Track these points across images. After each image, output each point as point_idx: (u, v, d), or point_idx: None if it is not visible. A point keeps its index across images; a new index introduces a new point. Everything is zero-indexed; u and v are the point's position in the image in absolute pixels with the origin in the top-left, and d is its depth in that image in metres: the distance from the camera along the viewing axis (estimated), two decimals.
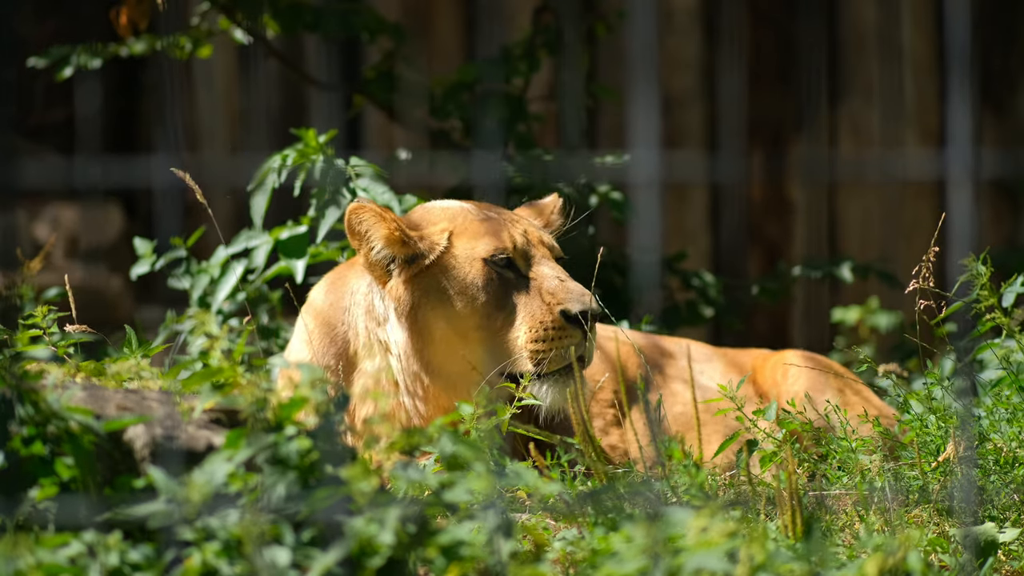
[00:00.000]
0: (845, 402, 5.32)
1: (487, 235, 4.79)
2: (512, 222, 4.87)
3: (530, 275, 4.77)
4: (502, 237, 4.78)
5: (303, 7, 7.24)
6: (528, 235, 4.83)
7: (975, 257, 4.65)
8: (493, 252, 4.77)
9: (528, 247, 4.80)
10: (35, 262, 4.88)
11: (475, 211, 4.89)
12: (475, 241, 4.79)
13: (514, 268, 4.78)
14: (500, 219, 4.85)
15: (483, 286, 4.77)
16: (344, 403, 3.37)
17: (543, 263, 4.78)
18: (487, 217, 4.85)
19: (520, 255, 4.78)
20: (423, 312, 4.79)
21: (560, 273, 4.75)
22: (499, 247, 4.77)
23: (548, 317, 4.70)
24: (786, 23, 9.57)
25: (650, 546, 3.18)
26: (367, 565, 3.19)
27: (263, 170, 5.81)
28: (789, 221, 9.69)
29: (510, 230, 4.80)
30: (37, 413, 3.37)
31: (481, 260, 4.77)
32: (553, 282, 4.74)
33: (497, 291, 4.76)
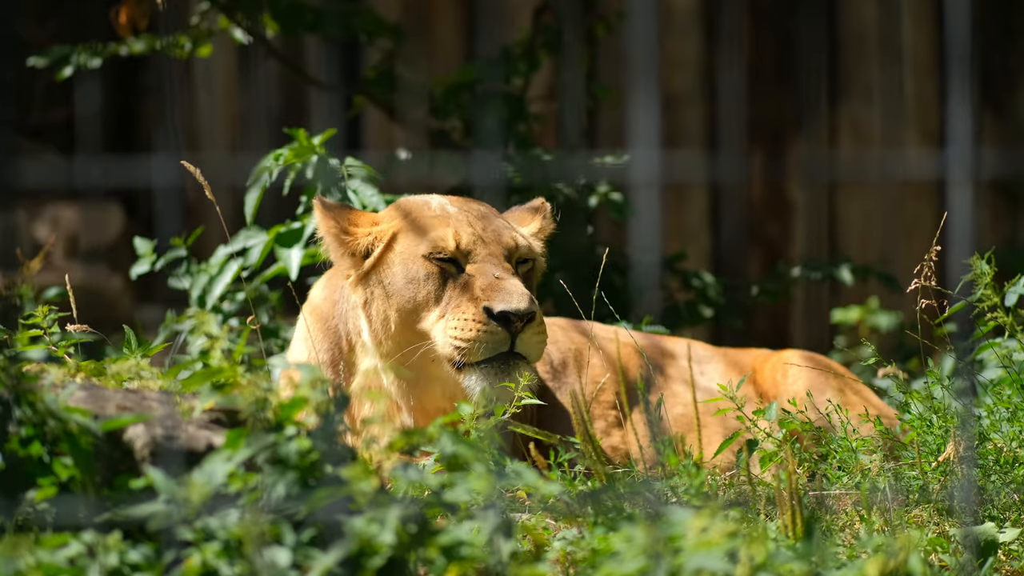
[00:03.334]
0: (845, 402, 5.32)
1: (432, 231, 4.87)
2: (472, 221, 4.91)
3: (468, 271, 4.82)
4: (446, 235, 4.85)
5: (303, 7, 7.24)
6: (481, 234, 4.87)
7: (979, 256, 4.66)
8: (432, 250, 4.84)
9: (474, 245, 4.85)
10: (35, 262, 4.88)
11: (433, 208, 4.96)
12: (419, 238, 4.88)
13: (456, 264, 4.85)
14: (456, 216, 4.91)
15: (423, 281, 4.86)
16: (344, 403, 3.37)
17: (487, 261, 4.84)
18: (445, 213, 4.92)
19: (463, 253, 4.84)
20: (376, 306, 4.89)
21: (502, 272, 4.81)
22: (440, 245, 4.84)
23: (471, 311, 4.76)
24: (786, 23, 9.56)
25: (650, 546, 3.18)
26: (367, 565, 3.19)
27: (258, 169, 5.81)
28: (789, 221, 9.69)
29: (459, 228, 4.86)
30: (35, 413, 3.37)
31: (422, 257, 4.85)
32: (487, 279, 4.80)
33: (437, 286, 4.84)
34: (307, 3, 7.25)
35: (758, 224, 9.67)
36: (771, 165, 9.60)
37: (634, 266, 7.14)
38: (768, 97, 9.55)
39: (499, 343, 4.75)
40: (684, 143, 9.54)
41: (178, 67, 9.08)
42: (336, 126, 5.88)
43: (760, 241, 9.68)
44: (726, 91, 9.55)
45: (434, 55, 9.44)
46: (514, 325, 4.74)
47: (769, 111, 9.55)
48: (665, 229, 9.46)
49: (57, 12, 9.51)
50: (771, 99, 9.55)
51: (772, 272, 7.82)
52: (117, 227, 9.35)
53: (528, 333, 4.76)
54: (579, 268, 6.76)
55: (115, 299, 9.13)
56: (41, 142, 9.45)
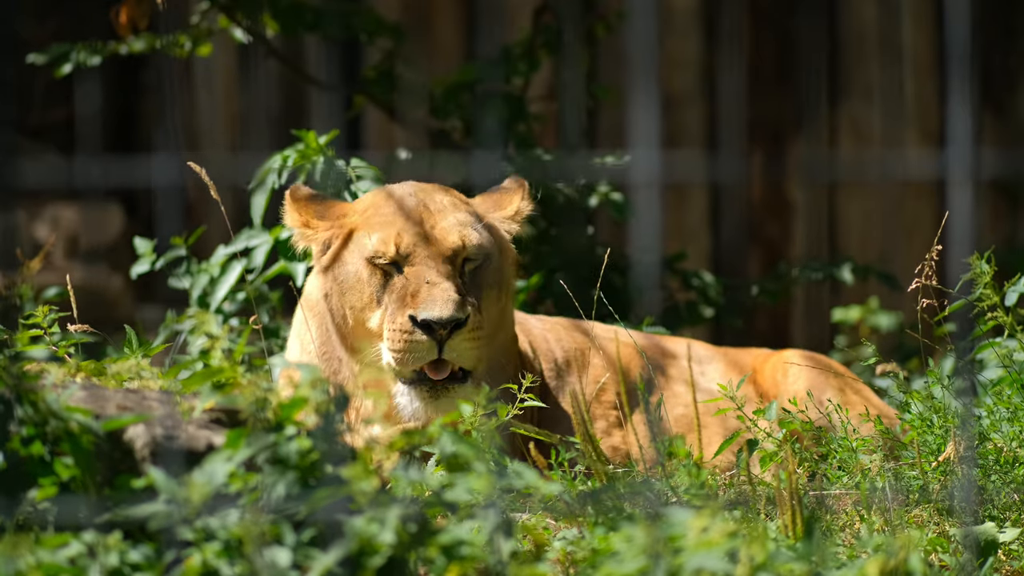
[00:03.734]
0: (845, 401, 5.32)
1: (379, 232, 4.83)
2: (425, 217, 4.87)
3: (406, 274, 4.80)
4: (388, 237, 4.81)
5: (303, 7, 7.23)
6: (428, 233, 4.83)
7: (978, 256, 4.65)
8: (373, 253, 4.82)
9: (415, 248, 4.80)
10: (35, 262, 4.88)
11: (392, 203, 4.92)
12: (366, 239, 4.86)
13: (397, 268, 4.82)
14: (409, 213, 4.88)
15: (366, 282, 4.84)
16: (344, 403, 3.37)
17: (424, 264, 4.79)
18: (398, 210, 4.89)
19: (403, 256, 4.80)
20: (334, 301, 4.92)
21: (435, 276, 4.75)
22: (380, 249, 4.81)
23: (399, 320, 4.74)
24: (786, 23, 9.56)
25: (650, 546, 3.18)
26: (367, 565, 3.19)
27: (263, 170, 5.81)
28: (789, 221, 9.68)
29: (403, 230, 4.82)
30: (36, 413, 3.37)
31: (365, 259, 4.83)
32: (417, 285, 4.76)
33: (378, 289, 4.82)
34: (307, 3, 7.25)
35: (758, 224, 9.67)
36: (771, 165, 9.60)
37: (634, 266, 7.14)
38: (768, 97, 9.55)
39: (426, 352, 4.70)
40: (684, 143, 9.54)
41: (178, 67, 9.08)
42: (336, 126, 5.88)
43: (760, 241, 9.67)
44: (726, 91, 9.55)
45: (434, 55, 9.44)
46: (438, 333, 4.68)
47: (769, 111, 9.55)
48: (665, 229, 9.46)
49: (57, 11, 9.51)
50: (771, 99, 9.55)
51: (772, 272, 7.82)
52: (117, 227, 9.35)
53: (456, 340, 4.70)
54: (579, 268, 6.76)
55: (115, 299, 9.13)
56: (41, 142, 9.45)
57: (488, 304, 4.87)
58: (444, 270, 4.77)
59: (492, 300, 4.90)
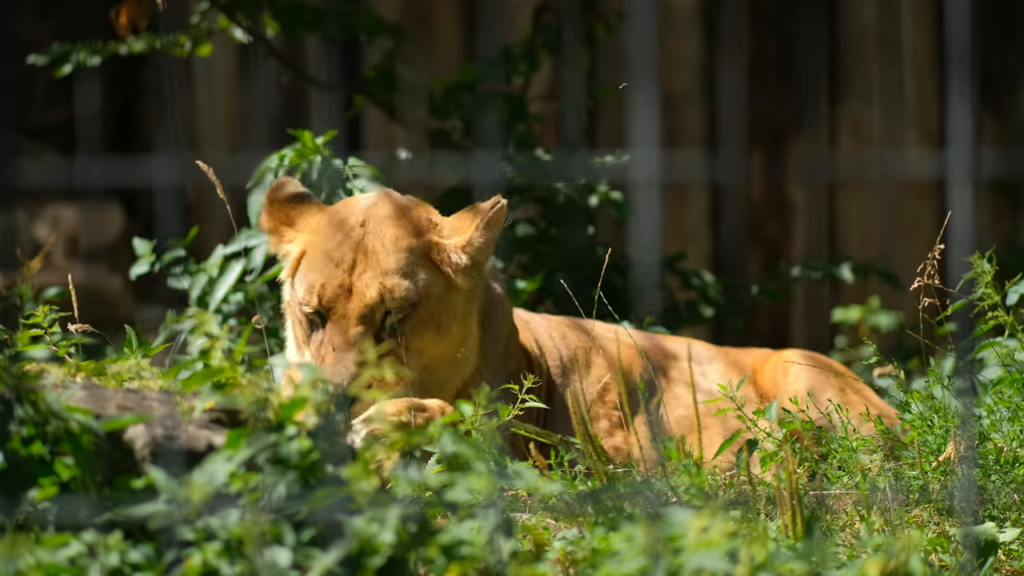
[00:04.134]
0: (846, 401, 5.32)
1: (309, 278, 4.84)
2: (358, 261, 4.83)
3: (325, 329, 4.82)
4: (314, 287, 4.81)
5: (303, 7, 7.24)
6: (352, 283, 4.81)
7: (979, 255, 4.65)
8: (302, 300, 4.86)
9: (336, 301, 4.79)
10: (35, 262, 4.88)
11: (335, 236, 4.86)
12: (303, 277, 4.87)
13: (321, 317, 4.84)
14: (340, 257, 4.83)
15: (299, 323, 4.91)
16: (344, 403, 3.37)
17: (338, 324, 4.79)
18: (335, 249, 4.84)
19: (325, 308, 4.81)
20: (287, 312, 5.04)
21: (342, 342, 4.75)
22: (306, 298, 4.84)
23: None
24: (786, 23, 9.57)
25: (650, 546, 3.18)
26: (367, 564, 3.19)
27: (261, 169, 5.81)
28: (789, 221, 9.68)
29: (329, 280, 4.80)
30: (36, 413, 3.37)
31: (297, 302, 4.89)
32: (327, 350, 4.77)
33: (306, 332, 4.88)
34: (307, 3, 7.25)
35: (758, 224, 9.67)
36: (771, 165, 9.60)
37: (634, 266, 7.14)
38: (768, 97, 9.55)
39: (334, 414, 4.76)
40: (684, 143, 9.54)
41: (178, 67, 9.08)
42: (336, 126, 5.88)
43: (760, 241, 9.68)
44: (726, 91, 9.55)
45: (434, 55, 9.44)
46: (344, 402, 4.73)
47: (769, 111, 9.55)
48: (665, 229, 9.46)
49: (57, 11, 9.51)
50: (771, 99, 9.55)
51: (772, 272, 7.82)
52: (117, 227, 9.35)
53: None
54: (579, 268, 6.76)
55: (115, 299, 9.13)
56: (41, 142, 9.45)
57: (425, 343, 4.84)
58: (355, 332, 4.77)
59: (429, 340, 4.85)
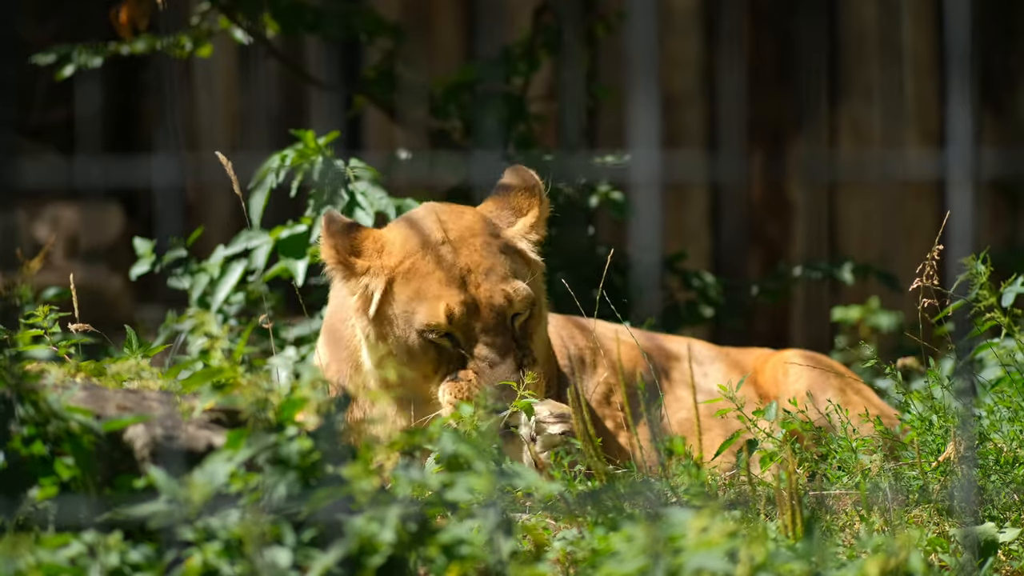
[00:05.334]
0: (846, 401, 5.32)
1: (425, 302, 4.78)
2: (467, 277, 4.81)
3: (464, 350, 4.78)
4: (438, 311, 4.76)
5: (303, 7, 7.24)
6: (477, 298, 4.79)
7: (975, 256, 4.66)
8: (426, 326, 4.78)
9: (468, 318, 4.76)
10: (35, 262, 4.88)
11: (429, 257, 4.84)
12: (414, 304, 4.80)
13: (452, 339, 4.78)
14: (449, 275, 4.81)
15: (421, 352, 4.80)
16: (345, 403, 3.37)
17: (481, 340, 4.76)
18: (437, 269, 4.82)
19: (459, 327, 4.77)
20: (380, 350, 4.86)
21: (494, 355, 4.74)
22: (432, 323, 4.76)
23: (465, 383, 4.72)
24: (786, 23, 9.57)
25: (650, 546, 3.19)
26: (367, 564, 3.19)
27: (262, 170, 5.81)
28: (789, 221, 9.69)
29: (451, 301, 4.76)
30: (37, 413, 3.37)
31: (417, 331, 4.79)
32: (480, 365, 4.74)
33: (435, 358, 4.80)
34: (307, 3, 7.25)
35: (758, 224, 9.67)
36: (771, 165, 9.60)
37: (634, 266, 7.14)
38: (768, 97, 9.55)
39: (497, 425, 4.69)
40: (684, 143, 9.54)
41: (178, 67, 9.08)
42: (336, 126, 5.88)
43: (760, 241, 9.68)
44: (726, 91, 9.55)
45: (434, 55, 9.44)
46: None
47: (769, 111, 9.55)
48: (665, 229, 9.46)
49: (57, 12, 9.51)
50: (771, 99, 9.56)
51: (772, 272, 7.82)
52: (117, 227, 9.35)
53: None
54: (580, 268, 6.76)
55: (115, 299, 9.13)
56: (41, 142, 9.45)
57: (538, 342, 4.87)
58: (500, 343, 4.76)
59: (540, 336, 4.90)
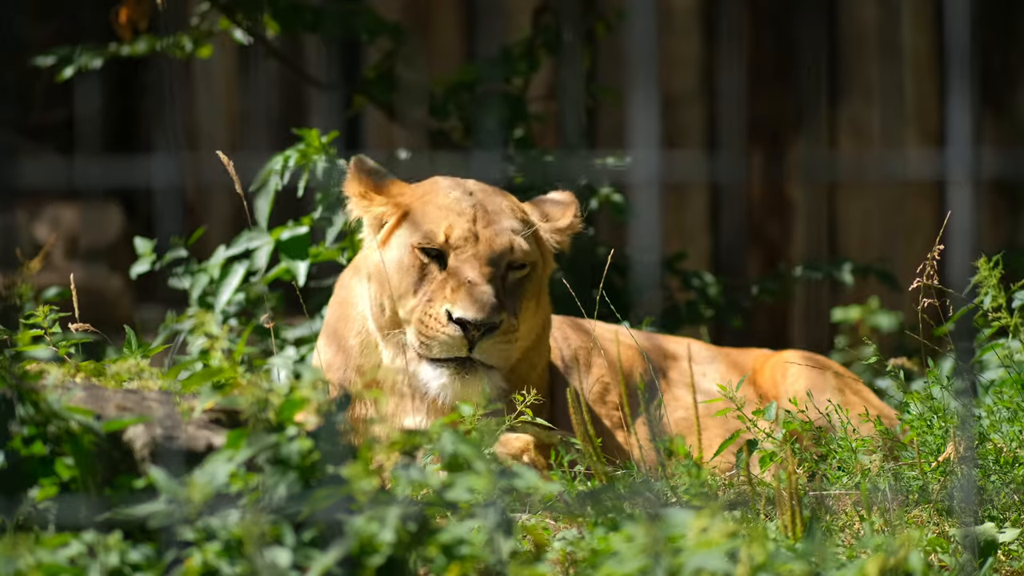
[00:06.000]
0: (845, 402, 5.32)
1: (428, 223, 4.89)
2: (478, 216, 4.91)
3: (450, 267, 4.84)
4: (438, 228, 4.87)
5: (303, 7, 7.24)
6: (478, 231, 4.87)
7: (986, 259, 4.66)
8: (422, 241, 4.87)
9: (464, 243, 4.85)
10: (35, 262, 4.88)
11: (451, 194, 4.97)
12: (417, 225, 4.92)
13: (441, 258, 4.86)
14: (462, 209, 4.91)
15: (408, 269, 4.89)
16: (346, 403, 3.37)
17: (469, 262, 4.83)
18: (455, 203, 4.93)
19: (451, 247, 4.85)
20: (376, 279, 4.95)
21: (478, 277, 4.79)
22: (429, 237, 4.86)
23: (436, 309, 4.79)
24: (786, 23, 9.57)
25: (650, 546, 3.18)
26: (367, 564, 3.19)
27: (265, 171, 5.81)
28: (789, 221, 9.69)
29: (455, 222, 4.87)
30: (37, 413, 3.37)
31: (412, 245, 4.89)
32: (459, 281, 4.81)
33: (418, 277, 4.88)
34: (307, 3, 7.25)
35: (758, 224, 9.67)
36: (771, 165, 9.60)
37: (634, 266, 7.14)
38: (768, 97, 9.55)
39: (456, 347, 4.77)
40: (684, 143, 9.54)
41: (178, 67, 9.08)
42: (336, 126, 5.88)
43: (760, 241, 9.68)
44: (726, 91, 9.55)
45: (434, 55, 9.44)
46: (471, 333, 4.75)
47: (769, 111, 9.55)
48: (665, 229, 9.46)
49: (57, 12, 9.51)
50: (771, 99, 9.55)
51: (772, 272, 7.82)
52: (117, 227, 9.35)
53: (488, 343, 4.76)
54: (580, 268, 6.76)
55: (115, 299, 9.13)
56: (41, 142, 9.45)
57: (526, 314, 4.92)
58: (487, 272, 4.82)
59: (531, 311, 4.94)
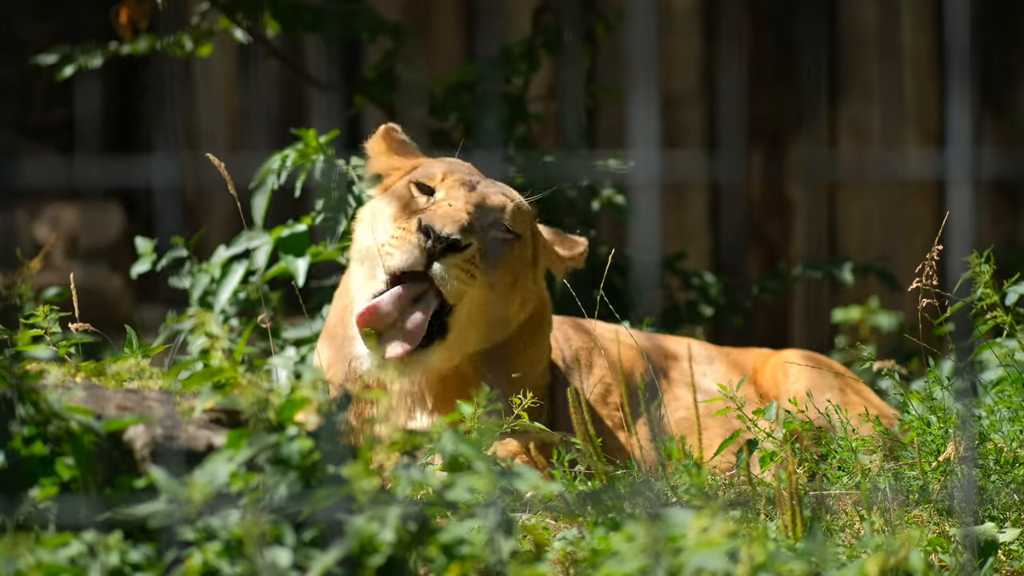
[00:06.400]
0: (845, 402, 5.32)
1: (432, 168, 5.06)
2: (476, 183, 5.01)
3: (436, 199, 4.94)
4: (439, 171, 5.02)
5: (303, 7, 7.24)
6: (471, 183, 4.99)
7: (978, 254, 4.66)
8: (419, 178, 5.00)
9: (457, 187, 4.96)
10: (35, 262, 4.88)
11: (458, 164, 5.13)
12: (416, 172, 5.07)
13: (430, 192, 4.98)
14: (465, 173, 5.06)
15: (400, 197, 4.99)
16: (346, 403, 3.37)
17: (457, 195, 4.93)
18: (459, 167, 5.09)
19: (445, 187, 4.96)
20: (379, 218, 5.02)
21: (459, 203, 4.88)
22: (428, 176, 4.99)
23: (407, 221, 4.86)
24: (786, 23, 9.57)
25: (651, 546, 3.19)
26: (368, 564, 3.19)
27: (263, 170, 5.81)
28: (789, 221, 9.69)
29: (455, 172, 5.01)
30: (38, 413, 3.37)
31: (410, 180, 5.01)
32: (440, 203, 4.90)
33: (408, 201, 4.98)
34: (307, 3, 7.25)
35: (758, 224, 9.67)
36: (771, 165, 9.60)
37: (634, 266, 7.14)
38: (768, 97, 9.55)
39: (415, 256, 4.77)
40: (684, 143, 9.54)
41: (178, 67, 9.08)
42: (336, 126, 5.89)
43: (760, 241, 9.68)
44: (726, 91, 9.55)
45: (434, 55, 9.44)
46: (433, 243, 4.74)
47: (769, 111, 9.56)
48: (665, 229, 9.46)
49: (57, 12, 9.51)
50: (771, 99, 9.56)
51: (772, 272, 7.82)
52: (117, 227, 9.35)
53: (447, 260, 4.76)
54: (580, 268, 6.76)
55: (115, 299, 9.13)
56: (41, 142, 9.45)
57: (501, 277, 4.90)
58: (469, 206, 4.88)
59: (503, 284, 4.91)
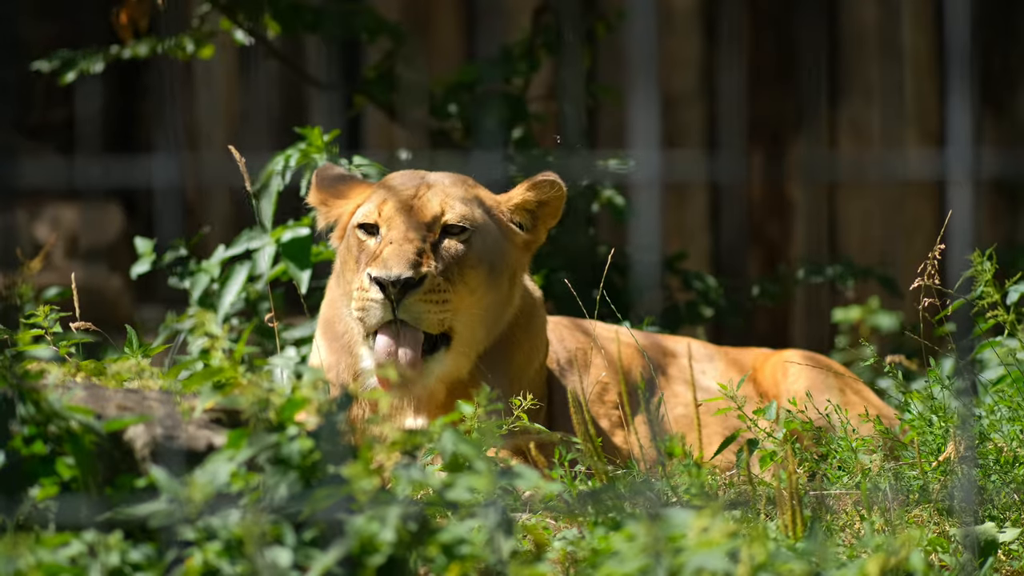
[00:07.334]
0: (845, 402, 5.32)
1: (370, 203, 4.83)
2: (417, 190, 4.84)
3: (379, 238, 4.78)
4: (374, 205, 4.80)
5: (303, 7, 7.24)
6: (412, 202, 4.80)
7: (979, 253, 4.66)
8: (361, 219, 4.82)
9: (396, 213, 4.77)
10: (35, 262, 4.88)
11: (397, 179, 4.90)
12: (357, 213, 4.86)
13: (376, 232, 4.80)
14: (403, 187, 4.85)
15: (352, 248, 4.83)
16: (346, 403, 3.37)
17: (396, 228, 4.76)
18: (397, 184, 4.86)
19: (385, 220, 4.78)
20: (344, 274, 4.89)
21: (400, 238, 4.72)
22: (366, 214, 4.81)
23: (360, 279, 4.73)
24: (786, 23, 9.57)
25: (651, 545, 3.19)
26: (368, 563, 3.19)
27: (266, 171, 5.81)
28: (789, 221, 9.69)
29: (390, 198, 4.79)
30: (38, 412, 3.37)
31: (354, 226, 4.83)
32: (382, 244, 4.74)
33: (356, 253, 4.81)
34: (307, 3, 7.26)
35: (758, 224, 9.67)
36: (771, 165, 9.60)
37: (634, 266, 7.14)
38: (768, 97, 9.55)
39: (381, 311, 4.66)
40: (684, 143, 9.54)
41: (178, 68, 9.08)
42: (337, 126, 5.88)
43: (760, 241, 9.68)
44: (726, 91, 9.55)
45: (434, 55, 9.44)
46: (389, 291, 4.64)
47: (769, 111, 9.56)
48: (665, 229, 9.46)
49: (58, 14, 9.51)
50: (771, 99, 9.56)
51: (772, 272, 7.82)
52: (117, 227, 9.35)
53: (410, 300, 4.65)
54: (580, 268, 6.77)
55: (115, 299, 9.13)
56: (41, 142, 9.45)
57: (472, 279, 4.79)
58: (412, 235, 4.72)
59: (480, 278, 4.81)
